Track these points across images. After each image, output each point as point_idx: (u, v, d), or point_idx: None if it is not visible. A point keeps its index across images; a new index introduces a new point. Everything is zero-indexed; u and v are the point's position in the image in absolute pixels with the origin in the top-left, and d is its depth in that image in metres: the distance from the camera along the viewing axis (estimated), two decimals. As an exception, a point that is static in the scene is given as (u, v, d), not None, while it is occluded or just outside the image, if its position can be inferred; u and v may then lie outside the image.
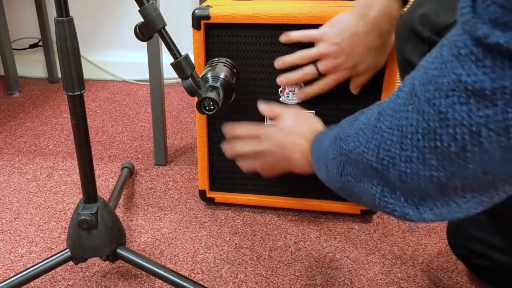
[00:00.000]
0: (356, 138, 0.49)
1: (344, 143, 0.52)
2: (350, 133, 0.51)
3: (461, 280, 0.83)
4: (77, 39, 0.64)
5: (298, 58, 0.83)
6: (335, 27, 0.77)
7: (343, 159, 0.52)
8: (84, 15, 1.86)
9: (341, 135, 0.53)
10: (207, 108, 0.71)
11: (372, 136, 0.46)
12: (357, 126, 0.50)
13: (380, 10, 0.72)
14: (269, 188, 0.99)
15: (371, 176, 0.48)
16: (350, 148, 0.50)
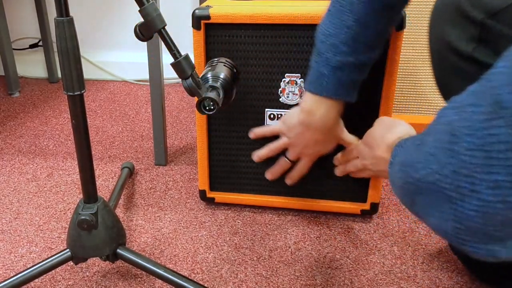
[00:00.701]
0: (427, 164, 0.43)
1: (413, 171, 0.46)
2: (420, 159, 0.45)
3: (461, 280, 0.83)
4: (77, 39, 0.64)
5: (269, 150, 0.91)
6: (286, 124, 0.85)
7: (412, 189, 0.46)
8: (84, 15, 1.86)
9: (407, 163, 0.48)
10: (207, 108, 0.71)
11: (447, 160, 0.40)
12: (426, 151, 0.44)
13: (321, 116, 0.75)
14: (269, 188, 0.99)
15: (443, 209, 0.42)
16: (420, 177, 0.44)
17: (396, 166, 0.55)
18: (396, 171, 0.54)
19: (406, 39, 1.19)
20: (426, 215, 0.45)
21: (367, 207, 0.97)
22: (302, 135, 0.81)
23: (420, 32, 1.19)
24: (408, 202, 0.49)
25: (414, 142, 0.49)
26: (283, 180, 0.97)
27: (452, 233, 0.41)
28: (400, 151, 0.59)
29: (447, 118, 0.42)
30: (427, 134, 0.46)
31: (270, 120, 0.92)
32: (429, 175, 0.42)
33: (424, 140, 0.46)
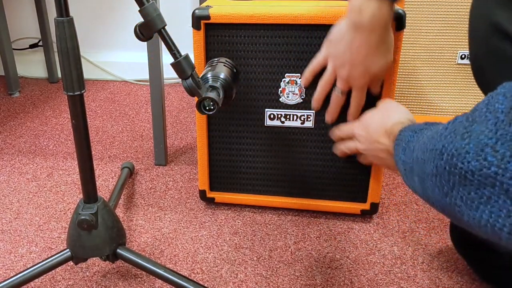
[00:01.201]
0: (482, 156, 0.40)
1: (460, 161, 0.42)
2: (469, 149, 0.41)
3: (461, 280, 0.83)
4: (77, 39, 0.64)
5: (321, 87, 0.84)
6: (333, 41, 0.78)
7: (455, 180, 0.43)
8: (84, 15, 1.86)
9: (451, 151, 0.43)
10: (207, 108, 0.71)
11: (511, 154, 0.37)
12: (478, 141, 0.40)
13: (371, 14, 0.70)
14: (269, 188, 0.99)
15: (499, 206, 0.39)
16: (472, 168, 0.40)
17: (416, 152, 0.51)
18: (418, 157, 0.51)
19: (406, 39, 1.19)
20: (469, 208, 0.42)
21: (367, 207, 0.97)
22: (350, 45, 0.74)
23: (420, 32, 1.19)
24: (440, 193, 0.45)
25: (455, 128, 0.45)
26: (283, 180, 0.97)
27: (508, 230, 0.39)
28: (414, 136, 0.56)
29: (503, 107, 0.39)
30: (473, 122, 0.42)
31: (270, 120, 0.92)
32: (485, 168, 0.39)
33: (472, 129, 0.42)
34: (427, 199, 0.50)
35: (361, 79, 0.78)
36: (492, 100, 0.41)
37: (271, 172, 0.97)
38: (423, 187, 0.50)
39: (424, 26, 1.18)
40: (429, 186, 0.48)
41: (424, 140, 0.51)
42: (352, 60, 0.75)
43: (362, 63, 0.75)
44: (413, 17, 1.17)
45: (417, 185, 0.52)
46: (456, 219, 0.46)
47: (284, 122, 0.92)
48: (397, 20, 0.80)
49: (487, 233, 0.42)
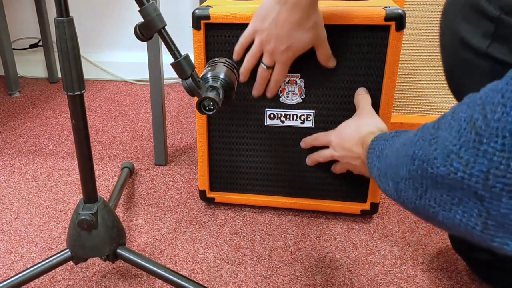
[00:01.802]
0: (448, 162, 0.42)
1: (430, 167, 0.44)
2: (436, 155, 0.43)
3: (461, 280, 0.83)
4: (77, 39, 0.64)
5: (247, 61, 0.85)
6: (260, 15, 0.79)
7: (428, 183, 0.45)
8: (84, 15, 1.86)
9: (421, 157, 0.46)
10: (207, 108, 0.70)
11: (474, 160, 0.39)
12: (443, 147, 0.43)
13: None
14: (269, 188, 0.99)
15: (470, 206, 0.41)
16: (441, 173, 0.43)
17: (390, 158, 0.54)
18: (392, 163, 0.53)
19: (406, 39, 1.19)
20: (442, 209, 0.44)
21: (367, 207, 0.97)
22: (275, 20, 0.76)
23: (420, 32, 1.19)
24: (414, 195, 0.48)
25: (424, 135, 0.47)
26: (283, 180, 0.97)
27: (480, 228, 0.41)
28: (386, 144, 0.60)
29: (465, 115, 0.41)
30: (438, 128, 0.45)
31: (270, 120, 0.92)
32: (452, 173, 0.41)
33: (438, 135, 0.44)
34: (401, 202, 0.52)
35: (285, 54, 0.80)
36: (457, 109, 0.43)
37: (271, 172, 0.97)
38: (397, 190, 0.52)
39: (424, 26, 1.18)
40: (403, 188, 0.50)
41: (396, 147, 0.54)
42: (277, 35, 0.77)
43: (286, 38, 0.77)
44: (413, 17, 1.17)
45: (391, 188, 0.54)
46: (430, 219, 0.48)
47: (284, 121, 0.92)
48: (397, 20, 0.80)
49: (460, 231, 0.43)
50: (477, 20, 0.59)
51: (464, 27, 0.61)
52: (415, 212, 0.51)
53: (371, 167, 0.63)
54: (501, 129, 0.37)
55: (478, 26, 0.58)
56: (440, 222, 0.46)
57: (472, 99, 0.42)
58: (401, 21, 0.81)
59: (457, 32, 0.62)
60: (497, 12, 0.56)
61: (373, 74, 0.86)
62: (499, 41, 0.57)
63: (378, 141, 0.64)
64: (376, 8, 0.82)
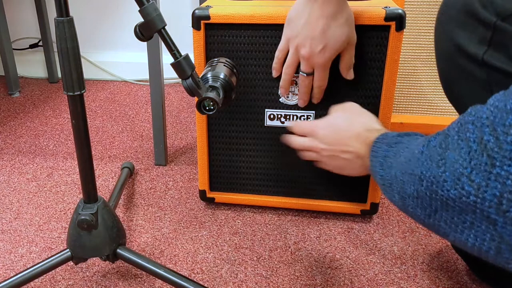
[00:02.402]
0: (459, 185, 0.40)
1: (439, 189, 0.43)
2: (446, 177, 0.42)
3: (461, 280, 0.83)
4: (77, 39, 0.64)
5: (285, 73, 0.83)
6: (292, 19, 0.77)
7: (437, 205, 0.44)
8: (84, 15, 1.86)
9: (430, 178, 0.44)
10: (207, 108, 0.71)
11: (486, 184, 0.38)
12: (453, 169, 0.41)
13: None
14: (269, 188, 0.99)
15: (482, 231, 0.40)
16: (452, 196, 0.41)
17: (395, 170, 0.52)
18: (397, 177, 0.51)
19: (406, 39, 1.19)
20: (453, 231, 0.43)
21: (367, 207, 0.97)
22: (308, 19, 0.73)
23: (420, 32, 1.19)
24: (422, 214, 0.47)
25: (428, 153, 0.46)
26: (283, 180, 0.97)
27: (494, 253, 0.40)
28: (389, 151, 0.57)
29: (474, 136, 0.40)
30: (446, 149, 0.43)
31: (270, 120, 0.92)
32: (464, 197, 0.40)
33: (446, 156, 0.43)
34: (408, 215, 0.51)
35: (322, 56, 0.77)
36: (462, 129, 0.42)
37: (271, 172, 0.97)
38: (404, 205, 0.50)
39: (424, 26, 1.18)
40: (410, 205, 0.49)
41: (401, 160, 0.52)
42: (312, 35, 0.74)
43: (322, 37, 0.74)
44: (413, 17, 1.17)
45: (397, 200, 0.52)
46: (440, 235, 0.47)
47: (284, 122, 0.92)
48: (397, 20, 0.80)
49: (474, 253, 0.43)
50: (472, 26, 0.58)
51: (460, 34, 0.60)
52: (424, 226, 0.49)
53: (374, 171, 0.61)
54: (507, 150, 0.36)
55: (473, 32, 0.58)
56: (452, 241, 0.45)
57: (477, 116, 0.41)
58: (401, 21, 0.81)
59: (453, 38, 0.61)
60: (493, 18, 0.55)
61: (373, 74, 0.86)
62: (495, 48, 0.56)
63: (381, 145, 0.61)
64: (376, 8, 0.82)
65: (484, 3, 0.56)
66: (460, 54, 0.60)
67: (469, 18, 0.58)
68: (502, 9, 0.54)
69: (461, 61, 0.61)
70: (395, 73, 0.85)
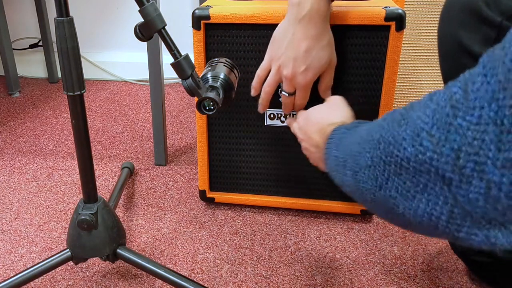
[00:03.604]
0: (417, 141, 0.38)
1: (396, 149, 0.40)
2: (405, 135, 0.40)
3: (461, 280, 0.83)
4: (77, 39, 0.64)
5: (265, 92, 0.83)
6: (276, 39, 0.77)
7: (391, 169, 0.42)
8: (84, 15, 1.86)
9: (388, 139, 0.42)
10: (207, 108, 0.70)
11: (445, 137, 0.36)
12: (414, 126, 0.39)
13: (310, 7, 0.72)
14: (269, 188, 0.99)
15: (435, 193, 0.37)
16: (408, 155, 0.39)
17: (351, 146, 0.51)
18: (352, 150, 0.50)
19: (406, 39, 1.19)
20: (404, 198, 0.40)
21: (367, 207, 0.97)
22: (291, 40, 0.74)
23: (420, 32, 1.19)
24: (373, 185, 0.44)
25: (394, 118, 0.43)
26: (283, 180, 0.97)
27: (445, 218, 0.37)
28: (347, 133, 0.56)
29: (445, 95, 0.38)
30: (410, 109, 0.41)
31: (270, 120, 0.92)
32: (420, 154, 0.37)
33: (409, 116, 0.40)
34: (359, 195, 0.49)
35: (304, 76, 0.77)
36: (438, 92, 0.39)
37: (271, 172, 0.97)
38: (355, 180, 0.49)
39: (424, 26, 1.18)
40: (361, 178, 0.47)
41: (360, 134, 0.51)
42: (295, 56, 0.75)
43: (304, 58, 0.75)
44: (413, 17, 1.17)
45: (349, 179, 0.51)
46: (388, 213, 0.44)
47: (284, 122, 0.92)
48: (397, 20, 0.80)
49: (423, 224, 0.40)
50: (476, 26, 0.57)
51: (463, 33, 0.59)
52: (373, 207, 0.48)
53: (328, 157, 0.60)
54: (479, 99, 0.34)
55: (477, 32, 0.57)
56: (399, 214, 0.42)
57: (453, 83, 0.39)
58: (401, 21, 0.81)
59: (456, 38, 0.61)
60: (498, 18, 0.54)
61: (373, 74, 0.86)
62: None
63: (339, 130, 0.60)
64: (376, 8, 0.82)
65: (488, 2, 0.55)
66: (464, 53, 0.60)
67: (473, 17, 0.57)
68: (507, 8, 0.53)
69: (465, 61, 0.60)
70: (395, 73, 0.85)
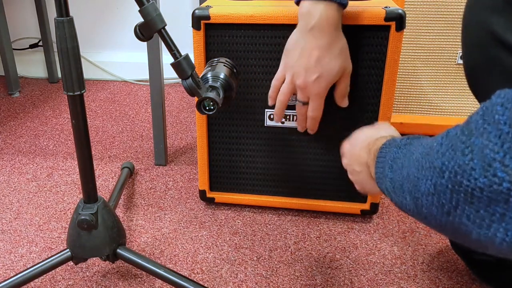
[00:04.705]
0: (490, 172, 0.36)
1: (465, 179, 0.39)
2: (473, 165, 0.38)
3: (461, 280, 0.83)
4: (77, 39, 0.64)
5: (280, 102, 0.83)
6: (288, 49, 0.78)
7: (460, 198, 0.40)
8: (84, 15, 1.86)
9: (454, 168, 0.40)
10: (207, 108, 0.70)
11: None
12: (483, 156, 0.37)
13: (319, 16, 0.73)
14: (269, 188, 0.99)
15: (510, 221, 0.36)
16: (481, 185, 0.37)
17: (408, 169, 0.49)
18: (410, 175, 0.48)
19: (406, 39, 1.19)
20: (478, 226, 0.39)
21: (367, 207, 0.97)
22: (303, 50, 0.75)
23: (420, 32, 1.19)
24: (439, 212, 0.43)
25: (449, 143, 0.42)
26: (283, 180, 0.97)
27: None
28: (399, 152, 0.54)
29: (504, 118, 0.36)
30: (470, 135, 0.39)
31: (270, 120, 0.92)
32: (495, 184, 0.36)
33: (472, 143, 0.39)
34: (422, 218, 0.47)
35: (317, 85, 0.78)
36: (488, 111, 0.38)
37: (271, 172, 0.97)
38: (417, 206, 0.47)
39: (424, 26, 1.18)
40: (424, 204, 0.45)
41: (416, 157, 0.49)
42: (307, 65, 0.76)
43: (316, 67, 0.76)
44: (413, 17, 1.17)
45: (409, 203, 0.49)
46: (460, 236, 0.43)
47: (284, 122, 0.92)
48: (397, 20, 0.80)
49: (502, 250, 0.39)
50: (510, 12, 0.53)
51: (496, 20, 0.55)
52: (440, 230, 0.46)
53: (382, 177, 0.57)
54: None
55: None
56: (473, 240, 0.41)
57: (507, 98, 0.37)
58: (401, 21, 0.81)
59: (487, 26, 0.56)
60: None
61: (373, 74, 0.86)
62: None
63: (389, 148, 0.57)
64: (376, 8, 0.82)
65: None
66: (495, 43, 0.55)
67: (509, 3, 0.53)
68: None
69: (496, 51, 0.56)
70: (395, 73, 0.85)
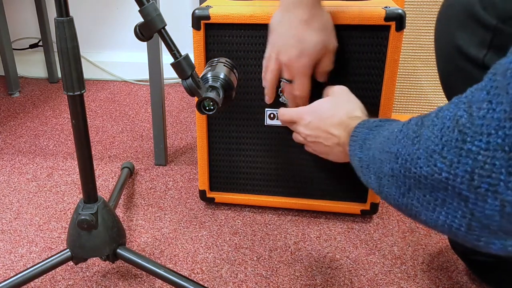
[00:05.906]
0: (431, 162, 0.41)
1: (413, 166, 0.43)
2: (419, 154, 0.42)
3: (461, 280, 0.83)
4: (77, 39, 0.64)
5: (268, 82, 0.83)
6: (271, 31, 0.78)
7: (411, 183, 0.44)
8: (84, 15, 1.86)
9: (405, 156, 0.45)
10: (207, 108, 0.70)
11: (458, 160, 0.38)
12: (426, 146, 0.42)
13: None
14: (269, 188, 0.99)
15: (454, 208, 0.40)
16: (425, 174, 0.42)
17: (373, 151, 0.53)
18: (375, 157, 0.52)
19: (406, 39, 1.19)
20: (425, 209, 0.43)
21: (367, 207, 0.97)
22: (285, 26, 0.75)
23: (420, 32, 1.19)
24: (397, 193, 0.47)
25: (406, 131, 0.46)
26: (283, 180, 0.97)
27: (464, 229, 0.40)
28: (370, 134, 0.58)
29: (450, 114, 0.40)
30: (421, 126, 0.44)
31: (270, 119, 0.92)
32: (436, 174, 0.40)
33: (420, 133, 0.43)
34: (383, 197, 0.51)
35: (300, 62, 0.77)
36: (443, 108, 0.42)
37: (271, 172, 0.97)
38: (379, 185, 0.51)
39: (424, 26, 1.18)
40: (386, 184, 0.49)
41: (381, 140, 0.52)
42: (289, 42, 0.76)
43: (297, 43, 0.75)
44: (413, 17, 1.17)
45: (373, 181, 0.53)
46: (412, 217, 0.47)
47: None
48: (397, 20, 0.80)
49: (444, 232, 0.43)
50: (473, 28, 0.57)
51: (460, 35, 0.59)
52: (397, 209, 0.50)
53: (353, 155, 0.62)
54: (486, 126, 0.36)
55: (474, 34, 0.57)
56: (423, 221, 0.45)
57: (458, 98, 0.41)
58: (401, 21, 0.81)
59: (453, 39, 0.61)
60: (493, 21, 0.55)
61: (373, 74, 0.86)
62: (496, 51, 0.56)
63: (362, 129, 0.61)
64: (376, 8, 0.82)
65: (485, 4, 0.56)
66: (461, 56, 0.60)
67: (469, 19, 0.58)
68: (503, 11, 0.54)
69: (462, 63, 0.61)
70: (395, 73, 0.85)
